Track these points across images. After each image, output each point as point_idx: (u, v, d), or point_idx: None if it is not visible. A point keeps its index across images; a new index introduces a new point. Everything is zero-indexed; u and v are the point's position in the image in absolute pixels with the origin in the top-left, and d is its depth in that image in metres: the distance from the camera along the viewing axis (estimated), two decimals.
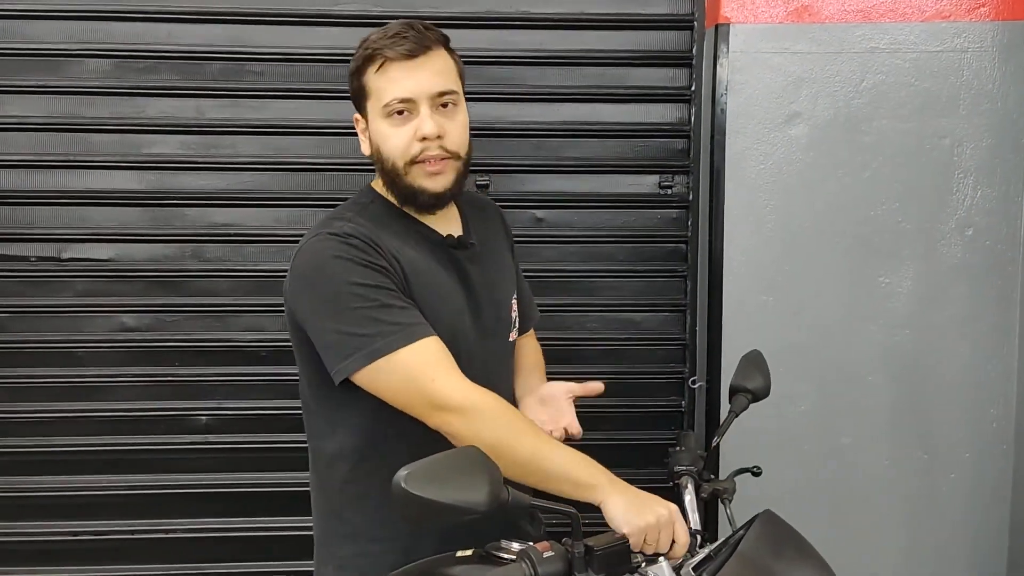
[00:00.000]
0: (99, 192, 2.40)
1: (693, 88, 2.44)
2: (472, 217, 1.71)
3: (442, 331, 1.51)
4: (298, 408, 2.39)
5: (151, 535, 2.46)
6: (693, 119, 2.45)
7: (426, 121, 1.51)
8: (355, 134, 2.34)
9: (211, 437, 2.46)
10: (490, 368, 1.63)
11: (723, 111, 2.35)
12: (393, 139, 1.54)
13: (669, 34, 2.45)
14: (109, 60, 2.37)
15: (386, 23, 2.29)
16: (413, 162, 1.53)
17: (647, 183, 2.49)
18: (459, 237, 1.64)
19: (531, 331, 1.92)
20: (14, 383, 2.42)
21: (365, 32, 2.32)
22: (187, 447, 2.45)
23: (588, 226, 2.48)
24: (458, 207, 1.70)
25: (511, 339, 1.74)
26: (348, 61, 2.34)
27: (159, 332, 2.43)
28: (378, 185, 1.65)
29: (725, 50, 2.34)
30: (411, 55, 1.52)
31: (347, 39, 2.37)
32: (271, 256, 2.44)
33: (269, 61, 2.39)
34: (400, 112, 1.53)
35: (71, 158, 2.38)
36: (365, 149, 1.63)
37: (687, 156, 2.47)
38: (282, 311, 2.39)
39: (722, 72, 2.34)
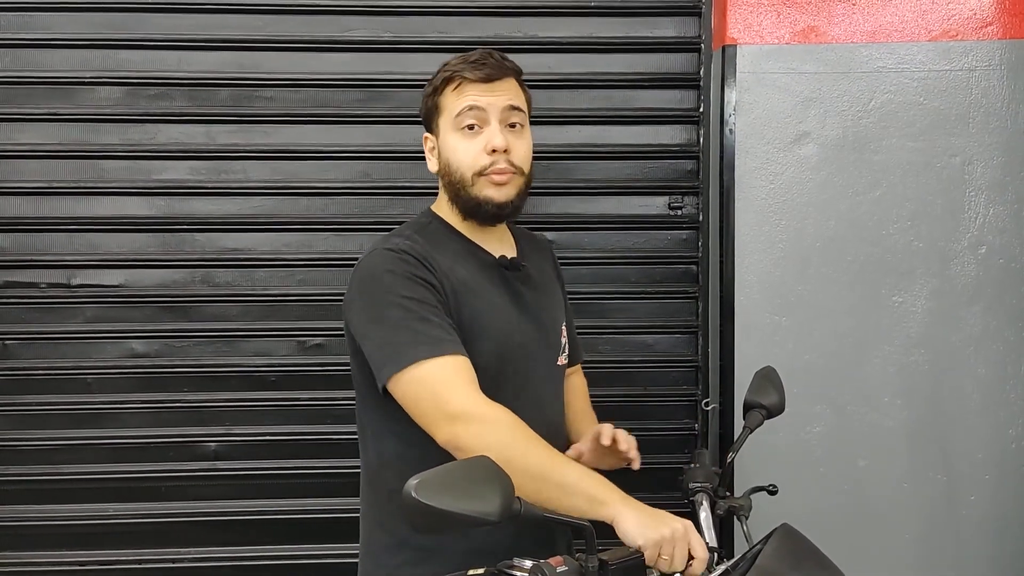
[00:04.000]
0: (109, 218, 2.40)
1: (701, 109, 2.45)
2: (525, 247, 1.79)
3: (491, 346, 1.59)
4: (307, 434, 2.44)
5: (159, 564, 2.43)
6: (702, 140, 2.45)
7: (496, 135, 1.59)
8: (362, 158, 2.42)
9: (220, 464, 2.43)
10: (537, 386, 1.68)
11: (731, 131, 2.35)
12: (462, 150, 1.61)
13: (677, 56, 2.46)
14: (120, 87, 2.39)
15: (394, 49, 2.39)
16: (481, 173, 1.60)
17: (656, 204, 2.48)
18: (512, 259, 1.70)
19: (578, 368, 1.98)
20: (23, 410, 2.41)
21: (374, 57, 2.41)
22: (196, 474, 2.43)
23: (598, 248, 2.48)
24: (514, 237, 1.78)
25: (560, 363, 1.78)
26: (358, 86, 2.42)
27: (168, 358, 2.42)
28: (438, 207, 1.72)
29: (732, 71, 2.34)
30: (488, 79, 1.60)
31: (357, 65, 2.41)
32: (281, 280, 2.43)
33: (279, 87, 2.40)
34: (471, 126, 1.60)
35: (82, 185, 2.39)
36: (432, 167, 1.70)
37: (696, 177, 2.47)
38: (291, 336, 2.45)
39: (730, 93, 2.35)
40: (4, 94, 2.37)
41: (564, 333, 1.82)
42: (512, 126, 1.62)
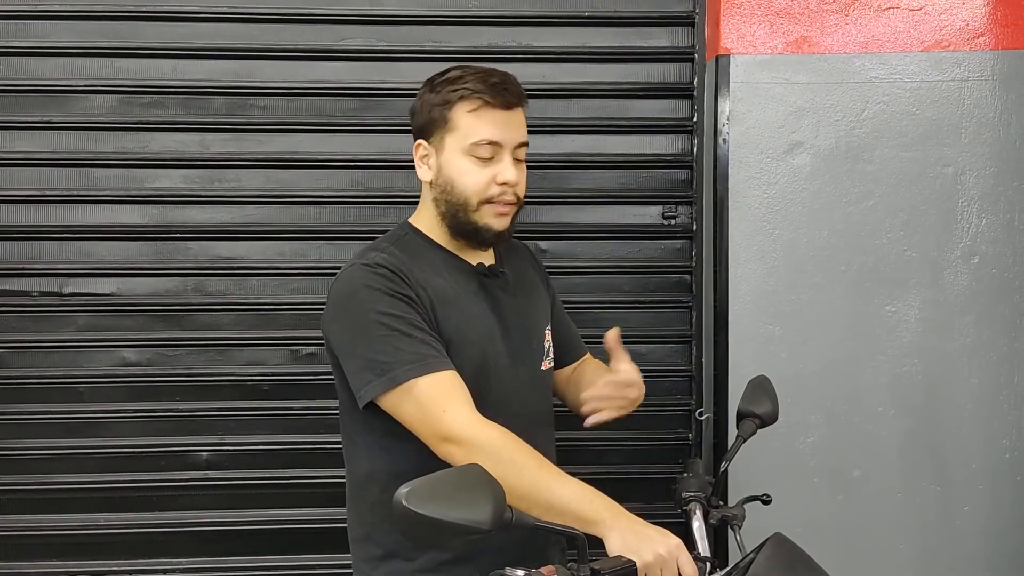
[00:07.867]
0: (102, 226, 2.39)
1: (695, 119, 2.45)
2: (504, 253, 1.81)
3: (472, 356, 1.60)
4: (300, 443, 2.44)
5: (150, 574, 2.41)
6: (695, 150, 2.45)
7: (509, 169, 1.62)
8: (356, 167, 2.42)
9: (212, 473, 2.42)
10: (520, 393, 1.69)
11: (725, 141, 2.36)
12: (472, 176, 1.62)
13: (670, 66, 2.46)
14: (114, 96, 2.38)
15: (389, 58, 2.39)
16: (487, 202, 1.63)
17: (650, 214, 2.49)
18: (490, 266, 1.72)
19: (587, 358, 2.01)
20: (14, 419, 2.39)
21: (368, 67, 2.41)
22: (188, 484, 2.41)
23: (592, 257, 2.48)
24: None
25: (544, 367, 1.79)
26: (353, 95, 2.43)
27: (160, 367, 2.41)
28: (416, 219, 1.74)
29: (726, 81, 2.35)
30: (508, 107, 1.63)
31: (351, 74, 2.42)
32: (274, 289, 2.43)
33: (273, 95, 2.40)
34: (485, 154, 1.61)
35: (75, 193, 2.38)
36: (425, 175, 1.70)
37: (690, 187, 2.47)
38: (284, 345, 2.44)
39: (723, 103, 2.35)
40: None
41: (548, 337, 1.82)
42: (518, 158, 1.66)
